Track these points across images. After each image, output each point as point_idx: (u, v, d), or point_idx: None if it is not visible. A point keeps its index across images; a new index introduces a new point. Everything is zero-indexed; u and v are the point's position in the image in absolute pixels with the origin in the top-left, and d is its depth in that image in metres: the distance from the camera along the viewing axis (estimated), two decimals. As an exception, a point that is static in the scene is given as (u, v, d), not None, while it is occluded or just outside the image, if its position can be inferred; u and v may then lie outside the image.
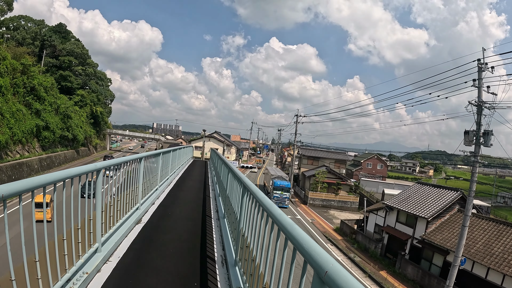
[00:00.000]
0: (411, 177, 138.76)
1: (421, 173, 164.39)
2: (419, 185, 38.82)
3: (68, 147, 72.64)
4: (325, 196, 59.91)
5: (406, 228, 34.31)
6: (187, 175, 21.13)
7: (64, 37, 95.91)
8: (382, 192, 65.96)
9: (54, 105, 67.10)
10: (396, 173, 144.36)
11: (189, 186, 16.18)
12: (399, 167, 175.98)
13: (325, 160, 72.47)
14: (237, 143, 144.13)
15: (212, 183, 17.72)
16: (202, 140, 73.19)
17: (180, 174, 20.03)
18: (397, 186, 74.90)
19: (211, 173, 21.97)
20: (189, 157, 32.42)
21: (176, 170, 19.10)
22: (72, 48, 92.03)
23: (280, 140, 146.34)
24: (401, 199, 36.37)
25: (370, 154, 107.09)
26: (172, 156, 16.00)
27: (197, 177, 21.15)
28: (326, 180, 60.75)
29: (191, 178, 20.15)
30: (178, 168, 20.42)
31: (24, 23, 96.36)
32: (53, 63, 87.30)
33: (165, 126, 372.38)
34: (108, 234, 6.15)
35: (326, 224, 48.22)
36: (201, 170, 26.59)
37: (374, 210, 40.22)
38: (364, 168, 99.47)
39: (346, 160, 77.24)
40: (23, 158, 51.87)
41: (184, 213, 10.59)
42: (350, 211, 58.73)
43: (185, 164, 26.28)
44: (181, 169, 22.45)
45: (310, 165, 72.16)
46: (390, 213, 36.60)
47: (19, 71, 57.97)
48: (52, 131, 63.42)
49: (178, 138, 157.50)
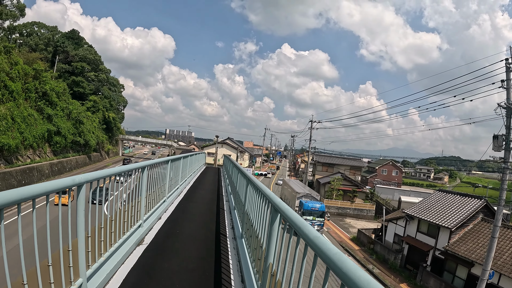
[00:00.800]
0: (426, 184, 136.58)
1: (436, 180, 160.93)
2: (440, 192, 37.10)
3: (80, 152, 72.29)
4: (340, 204, 58.37)
5: (427, 238, 32.65)
6: (199, 183, 19.97)
7: (77, 43, 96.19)
8: (398, 200, 64.06)
9: (66, 110, 66.94)
10: (411, 180, 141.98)
11: (200, 197, 14.88)
12: (413, 173, 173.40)
13: (340, 166, 70.92)
14: (250, 149, 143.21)
15: (226, 193, 16.43)
16: (215, 146, 71.69)
17: (192, 183, 19.04)
18: (414, 193, 73.00)
19: (225, 182, 20.90)
20: (201, 164, 31.16)
21: (187, 179, 17.93)
22: (84, 54, 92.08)
23: (293, 147, 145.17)
24: (422, 208, 34.61)
25: (385, 161, 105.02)
26: (182, 163, 14.75)
27: (209, 186, 19.95)
28: (341, 187, 59.25)
29: (203, 187, 18.97)
30: (190, 176, 19.21)
31: (37, 29, 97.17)
32: (65, 69, 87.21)
33: (177, 132, 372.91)
34: (98, 263, 4.76)
35: (342, 233, 46.76)
36: (214, 178, 25.47)
37: (394, 219, 38.56)
38: (379, 175, 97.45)
39: (361, 166, 75.60)
40: (33, 163, 51.38)
41: (195, 231, 9.22)
42: (366, 219, 57.12)
43: (197, 172, 25.32)
44: (193, 177, 21.41)
45: (325, 172, 70.72)
46: (410, 223, 34.95)
47: (31, 76, 57.87)
48: (64, 136, 63.09)
49: (191, 144, 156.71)
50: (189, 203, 12.90)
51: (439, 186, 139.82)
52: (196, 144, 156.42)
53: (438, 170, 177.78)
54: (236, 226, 8.80)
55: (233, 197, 12.51)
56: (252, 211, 6.60)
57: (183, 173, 15.30)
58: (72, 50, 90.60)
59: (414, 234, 34.42)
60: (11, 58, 53.91)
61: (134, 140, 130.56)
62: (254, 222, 6.04)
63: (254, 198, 6.35)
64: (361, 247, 40.40)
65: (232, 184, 13.87)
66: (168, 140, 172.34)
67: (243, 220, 7.72)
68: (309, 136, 64.47)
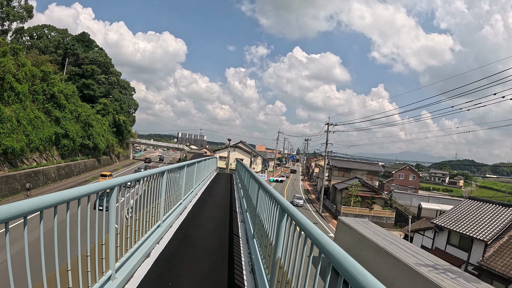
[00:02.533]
0: (442, 188, 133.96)
1: (451, 184, 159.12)
2: (471, 201, 34.25)
3: (89, 155, 70.78)
4: (358, 211, 55.25)
5: (459, 251, 29.89)
6: (208, 196, 16.62)
7: (87, 45, 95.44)
8: (418, 207, 61.31)
9: (74, 113, 65.58)
10: (426, 184, 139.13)
11: (208, 217, 11.63)
12: (428, 178, 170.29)
13: (357, 171, 68.11)
14: (263, 153, 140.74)
15: (241, 209, 13.79)
16: (227, 150, 68.96)
17: (200, 194, 16.22)
18: (432, 199, 70.25)
19: (238, 193, 18.36)
20: (212, 169, 28.54)
21: (195, 189, 15.45)
22: (95, 57, 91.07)
23: (306, 151, 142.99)
24: (453, 218, 31.68)
25: (401, 165, 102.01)
26: (186, 173, 12.16)
27: (220, 199, 16.62)
28: (359, 193, 56.55)
29: (212, 200, 15.63)
30: (197, 186, 16.69)
31: (48, 32, 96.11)
32: (75, 72, 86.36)
33: (190, 136, 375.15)
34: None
35: None
36: (225, 187, 22.40)
37: (420, 230, 35.76)
38: (395, 179, 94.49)
39: (379, 171, 72.34)
40: (39, 166, 49.93)
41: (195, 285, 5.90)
42: (386, 227, 53.98)
43: (207, 179, 22.69)
44: (202, 186, 18.85)
45: (341, 176, 67.91)
46: (439, 234, 32.26)
47: (39, 78, 56.63)
48: (72, 139, 61.61)
49: (203, 148, 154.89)
50: (192, 227, 9.82)
51: (455, 190, 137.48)
52: (208, 148, 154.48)
53: (453, 174, 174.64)
54: (257, 263, 6.73)
55: (249, 216, 10.28)
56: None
57: (187, 185, 12.63)
58: (82, 52, 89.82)
59: (443, 247, 31.63)
60: (18, 60, 52.42)
61: (145, 143, 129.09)
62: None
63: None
64: None
65: (247, 197, 12.17)
66: (180, 143, 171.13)
67: (264, 250, 6.55)
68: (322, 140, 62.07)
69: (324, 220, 53.67)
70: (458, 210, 32.97)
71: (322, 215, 57.24)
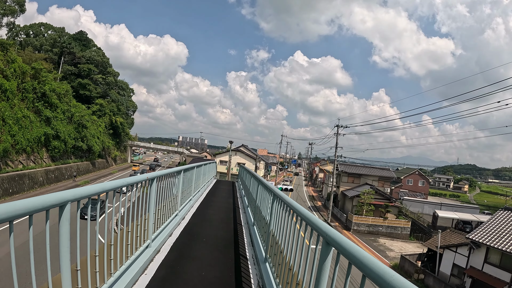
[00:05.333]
0: (449, 194, 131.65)
1: (456, 189, 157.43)
2: (508, 212, 30.02)
3: (82, 158, 66.89)
4: (372, 221, 51.03)
5: (500, 271, 25.65)
6: (203, 217, 11.37)
7: (84, 44, 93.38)
8: (433, 215, 57.32)
9: (67, 113, 62.07)
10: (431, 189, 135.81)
11: (201, 257, 7.36)
12: (432, 183, 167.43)
13: (367, 177, 63.86)
14: (265, 157, 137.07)
15: (250, 238, 9.17)
16: (228, 154, 64.05)
17: (193, 213, 11.63)
18: (445, 206, 66.53)
19: (243, 208, 14.07)
20: (211, 177, 23.73)
21: (186, 205, 11.12)
22: (91, 56, 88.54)
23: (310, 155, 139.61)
24: (490, 232, 27.43)
25: (410, 170, 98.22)
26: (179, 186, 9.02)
27: (218, 223, 11.01)
28: (372, 201, 52.24)
29: (209, 222, 10.85)
30: (188, 202, 11.82)
31: (44, 30, 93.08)
32: (71, 71, 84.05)
33: (190, 140, 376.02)
34: None
35: (379, 258, 38.43)
36: (227, 199, 17.06)
37: (452, 246, 31.41)
38: (404, 185, 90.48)
39: (391, 177, 68.01)
40: (26, 169, 46.02)
41: None
42: (401, 238, 50.06)
43: (203, 190, 17.73)
44: (196, 201, 13.95)
45: (351, 183, 63.64)
46: (475, 251, 28.09)
47: (29, 75, 53.28)
48: (64, 140, 58.05)
49: (203, 152, 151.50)
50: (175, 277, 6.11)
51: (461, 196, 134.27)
52: (209, 152, 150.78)
53: (458, 179, 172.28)
54: None
55: (263, 248, 7.23)
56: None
57: (172, 204, 8.65)
58: (79, 51, 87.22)
59: (480, 266, 27.45)
60: (8, 56, 48.94)
61: (144, 146, 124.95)
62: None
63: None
64: (406, 278, 33.24)
65: (259, 215, 8.93)
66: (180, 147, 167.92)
67: None
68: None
69: (334, 230, 49.72)
70: (495, 222, 28.66)
71: (331, 224, 53.09)
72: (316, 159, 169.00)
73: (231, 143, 57.78)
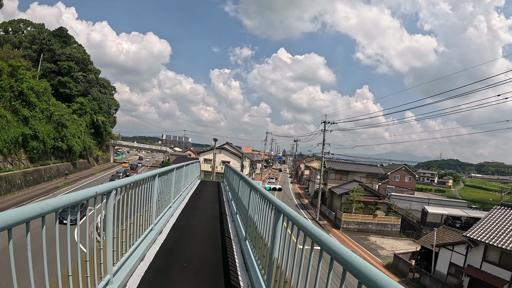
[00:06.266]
0: (434, 189, 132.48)
1: (440, 184, 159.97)
2: (504, 208, 29.07)
3: (63, 159, 64.65)
4: (361, 219, 50.07)
5: (499, 270, 24.73)
6: (184, 230, 9.53)
7: (64, 41, 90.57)
8: (423, 211, 56.54)
9: (46, 112, 59.74)
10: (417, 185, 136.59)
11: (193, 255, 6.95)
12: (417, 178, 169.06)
13: (355, 174, 62.94)
14: (250, 155, 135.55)
15: (242, 257, 7.49)
16: (213, 152, 61.54)
17: (172, 223, 9.84)
18: (433, 201, 65.90)
19: (231, 216, 12.30)
20: (194, 177, 21.76)
21: (164, 215, 9.33)
22: (72, 53, 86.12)
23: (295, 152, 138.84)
24: (488, 229, 26.45)
25: (397, 165, 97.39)
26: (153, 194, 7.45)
27: (203, 238, 9.11)
28: (362, 198, 51.24)
29: (192, 236, 9.09)
30: (167, 210, 10.07)
31: (23, 26, 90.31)
32: (51, 68, 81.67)
33: (174, 138, 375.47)
34: None
35: (371, 257, 37.98)
36: (213, 204, 15.21)
37: (448, 244, 30.42)
38: (391, 181, 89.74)
39: (379, 173, 67.24)
40: (2, 172, 43.95)
41: None
42: (391, 236, 49.18)
43: (186, 193, 15.80)
44: (176, 208, 12.05)
45: (338, 180, 62.66)
46: (473, 249, 27.09)
47: (6, 73, 51.42)
48: (42, 141, 55.76)
49: (187, 150, 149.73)
50: None
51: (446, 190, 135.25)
52: (193, 150, 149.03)
53: (442, 174, 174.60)
54: None
55: None
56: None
57: (143, 221, 6.82)
58: (59, 48, 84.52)
59: (478, 265, 26.48)
60: (-19, 53, 46.90)
61: (126, 145, 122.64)
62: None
63: None
64: (401, 278, 31.83)
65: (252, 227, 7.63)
66: (164, 145, 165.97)
67: None
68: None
69: (323, 230, 48.50)
70: (492, 219, 27.72)
71: (320, 223, 52.16)
72: (301, 156, 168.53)
73: (215, 141, 55.88)
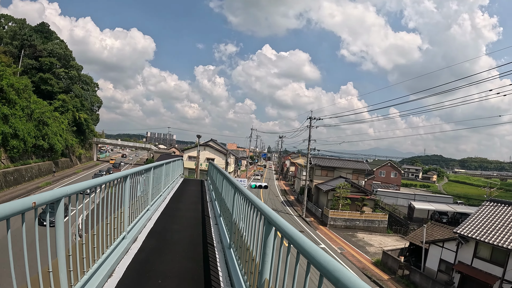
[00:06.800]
0: (419, 184, 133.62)
1: (425, 179, 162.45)
2: (494, 204, 28.71)
3: (44, 158, 63.12)
4: (348, 215, 49.68)
5: (490, 266, 24.42)
6: (162, 236, 8.47)
7: (46, 37, 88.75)
8: (409, 206, 56.46)
9: (27, 110, 57.94)
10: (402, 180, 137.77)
11: None
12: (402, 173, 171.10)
13: (341, 170, 62.66)
14: (235, 151, 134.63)
15: (226, 269, 6.63)
16: (197, 149, 59.57)
17: (150, 228, 8.89)
18: (419, 197, 65.80)
19: (215, 218, 11.26)
20: (177, 176, 20.95)
21: (140, 220, 8.43)
22: (54, 49, 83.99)
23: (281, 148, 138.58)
24: (478, 225, 26.18)
25: (382, 161, 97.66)
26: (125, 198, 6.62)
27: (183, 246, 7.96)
28: (349, 195, 50.88)
29: (171, 245, 7.91)
30: (144, 214, 9.13)
31: (4, 22, 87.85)
32: (32, 65, 79.66)
33: (159, 135, 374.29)
34: None
35: (360, 254, 37.41)
36: (195, 205, 14.10)
37: (438, 241, 30.05)
38: (377, 177, 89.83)
39: (365, 170, 67.04)
40: (-19, 172, 42.52)
41: None
42: (379, 232, 48.86)
43: (166, 193, 14.73)
44: (155, 210, 11.00)
45: (325, 176, 62.29)
46: (463, 246, 26.75)
47: (-16, 70, 49.31)
48: (23, 139, 54.18)
49: (171, 147, 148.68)
50: None
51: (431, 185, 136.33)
52: (177, 147, 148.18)
53: (426, 169, 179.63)
54: None
55: None
56: None
57: (111, 230, 5.84)
58: (40, 44, 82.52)
59: (469, 261, 26.15)
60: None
61: (110, 143, 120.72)
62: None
63: None
64: (390, 276, 31.44)
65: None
66: (149, 143, 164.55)
67: None
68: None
69: (310, 227, 48.00)
70: (482, 215, 27.45)
71: (307, 220, 51.64)
72: (286, 152, 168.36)
73: (199, 137, 54.42)
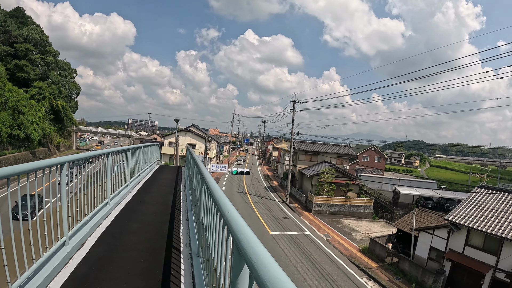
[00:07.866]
0: (402, 169, 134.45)
1: (407, 164, 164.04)
2: (485, 190, 27.92)
3: (21, 148, 61.06)
4: (333, 201, 48.87)
5: (483, 254, 23.76)
6: (118, 238, 6.83)
7: (21, 22, 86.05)
8: (394, 191, 56.11)
9: (1, 98, 55.89)
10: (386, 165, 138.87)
11: None
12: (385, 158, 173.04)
13: (325, 155, 61.94)
14: (217, 137, 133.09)
15: None
16: (175, 135, 57.36)
17: (105, 228, 7.38)
18: (403, 181, 65.62)
19: (186, 212, 9.85)
20: (152, 162, 19.23)
21: (91, 221, 6.85)
22: (29, 34, 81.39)
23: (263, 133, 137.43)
24: (470, 212, 25.54)
25: (366, 146, 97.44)
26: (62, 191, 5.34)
27: (140, 252, 6.15)
28: (334, 180, 50.20)
29: (125, 251, 6.16)
30: (99, 211, 7.61)
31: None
32: (7, 51, 76.80)
33: (141, 122, 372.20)
34: None
35: (346, 241, 36.38)
36: (166, 196, 12.11)
37: (428, 228, 29.36)
38: (360, 162, 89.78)
39: (349, 154, 66.34)
40: (-48, 164, 40.62)
41: None
42: (364, 218, 48.21)
43: (136, 183, 13.10)
44: (118, 203, 9.59)
45: (308, 161, 61.50)
46: (455, 233, 26.10)
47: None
48: (-3, 129, 51.82)
49: (153, 134, 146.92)
50: None
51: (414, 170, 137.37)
52: (159, 133, 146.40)
53: (408, 155, 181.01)
54: None
55: None
56: None
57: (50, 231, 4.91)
58: (15, 30, 79.86)
59: (461, 249, 25.44)
60: None
61: (90, 131, 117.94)
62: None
63: None
64: (378, 263, 30.66)
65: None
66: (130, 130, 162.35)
67: None
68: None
69: (294, 213, 47.16)
70: (473, 202, 26.71)
71: (291, 206, 50.84)
72: (268, 137, 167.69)
73: (177, 121, 52.16)
